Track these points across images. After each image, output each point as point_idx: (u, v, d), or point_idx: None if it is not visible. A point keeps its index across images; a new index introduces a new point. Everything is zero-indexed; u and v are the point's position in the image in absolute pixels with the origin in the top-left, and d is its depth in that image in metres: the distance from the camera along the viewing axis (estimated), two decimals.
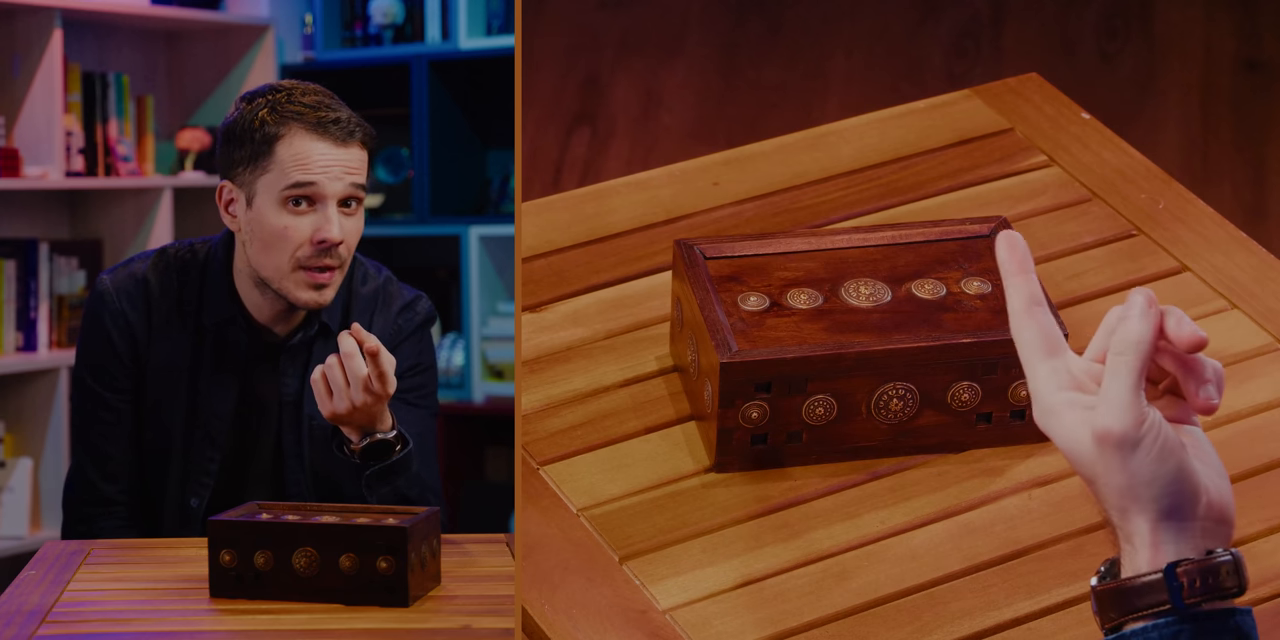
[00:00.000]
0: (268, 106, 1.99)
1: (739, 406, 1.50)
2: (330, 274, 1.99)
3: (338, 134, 1.98)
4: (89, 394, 2.09)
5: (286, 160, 1.97)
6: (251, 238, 2.01)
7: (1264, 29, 3.57)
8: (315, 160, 1.97)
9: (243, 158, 2.00)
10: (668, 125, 3.63)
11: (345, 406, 1.87)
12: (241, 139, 2.00)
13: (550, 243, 1.76)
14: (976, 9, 3.64)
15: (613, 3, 3.68)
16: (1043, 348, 1.06)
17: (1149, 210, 1.82)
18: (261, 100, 2.00)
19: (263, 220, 1.98)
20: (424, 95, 4.30)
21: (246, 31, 4.31)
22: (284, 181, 1.97)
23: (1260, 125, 3.52)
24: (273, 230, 1.98)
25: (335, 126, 1.98)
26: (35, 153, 3.82)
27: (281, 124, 1.98)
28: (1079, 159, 1.88)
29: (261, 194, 1.98)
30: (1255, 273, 1.76)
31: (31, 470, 3.82)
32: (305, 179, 1.96)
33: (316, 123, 1.98)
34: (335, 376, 1.87)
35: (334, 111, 1.99)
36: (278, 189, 1.97)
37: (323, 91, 2.03)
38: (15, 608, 1.64)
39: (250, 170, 1.99)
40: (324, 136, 1.97)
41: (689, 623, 1.41)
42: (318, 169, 1.96)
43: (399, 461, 1.93)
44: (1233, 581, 1.00)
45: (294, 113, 1.98)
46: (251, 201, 1.99)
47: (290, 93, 2.00)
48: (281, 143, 1.97)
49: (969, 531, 1.50)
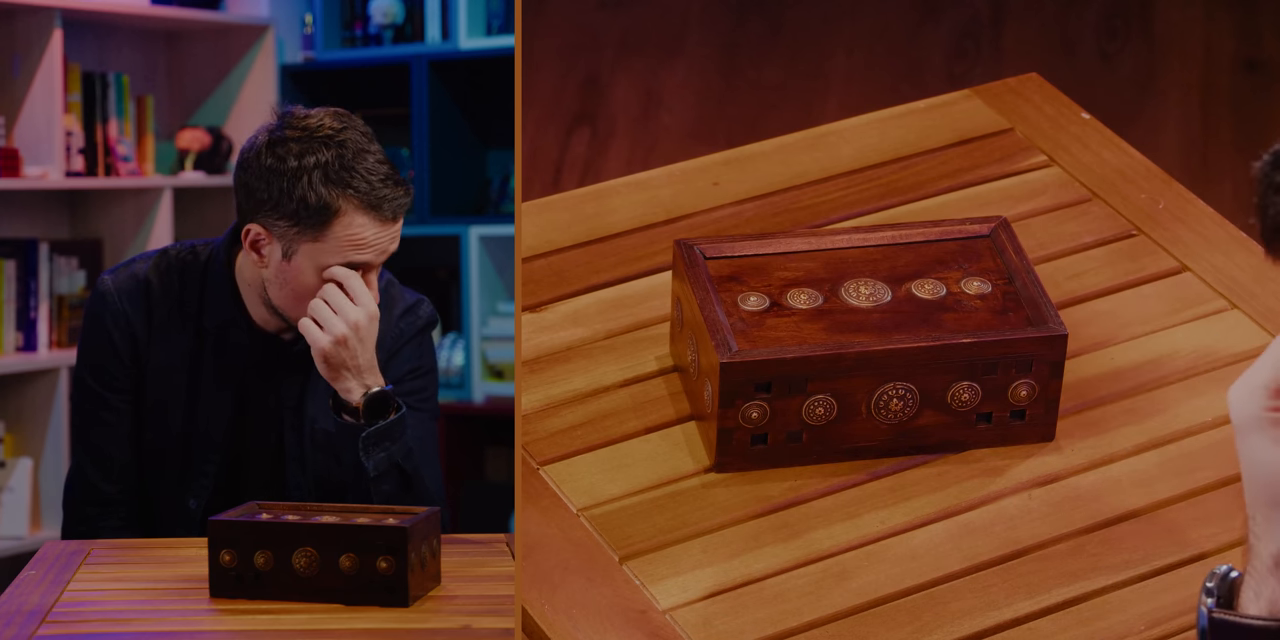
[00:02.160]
0: (321, 171, 1.92)
1: (739, 406, 1.50)
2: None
3: (392, 212, 1.96)
4: (89, 394, 2.09)
5: (341, 239, 1.94)
6: (280, 284, 1.99)
7: (1264, 29, 3.57)
8: (369, 242, 1.95)
9: (288, 214, 1.94)
10: (668, 125, 3.63)
11: (341, 329, 1.92)
12: (285, 195, 1.93)
13: (550, 243, 1.76)
14: (976, 9, 3.64)
15: (613, 3, 3.68)
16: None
17: (1149, 210, 1.82)
18: (311, 159, 1.93)
19: (299, 278, 1.97)
20: (424, 95, 4.30)
21: (246, 31, 4.31)
22: (336, 258, 1.95)
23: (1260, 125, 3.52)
24: (307, 288, 1.97)
25: (389, 204, 1.95)
26: (35, 153, 3.81)
27: (338, 198, 1.93)
28: (1079, 159, 1.88)
29: (304, 256, 1.96)
30: (1255, 273, 1.76)
31: (31, 470, 3.82)
32: (359, 260, 1.96)
33: (373, 198, 1.93)
34: (335, 295, 1.93)
35: (387, 186, 1.94)
36: (326, 261, 1.95)
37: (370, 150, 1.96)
38: (15, 608, 1.64)
39: (296, 230, 1.95)
40: (377, 218, 1.94)
41: (689, 623, 1.41)
42: (369, 250, 1.96)
43: (393, 423, 1.96)
44: None
45: (351, 184, 1.93)
46: (290, 257, 1.97)
47: (340, 151, 1.93)
48: (338, 222, 1.93)
49: (969, 531, 1.50)
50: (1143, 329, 1.71)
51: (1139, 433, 1.60)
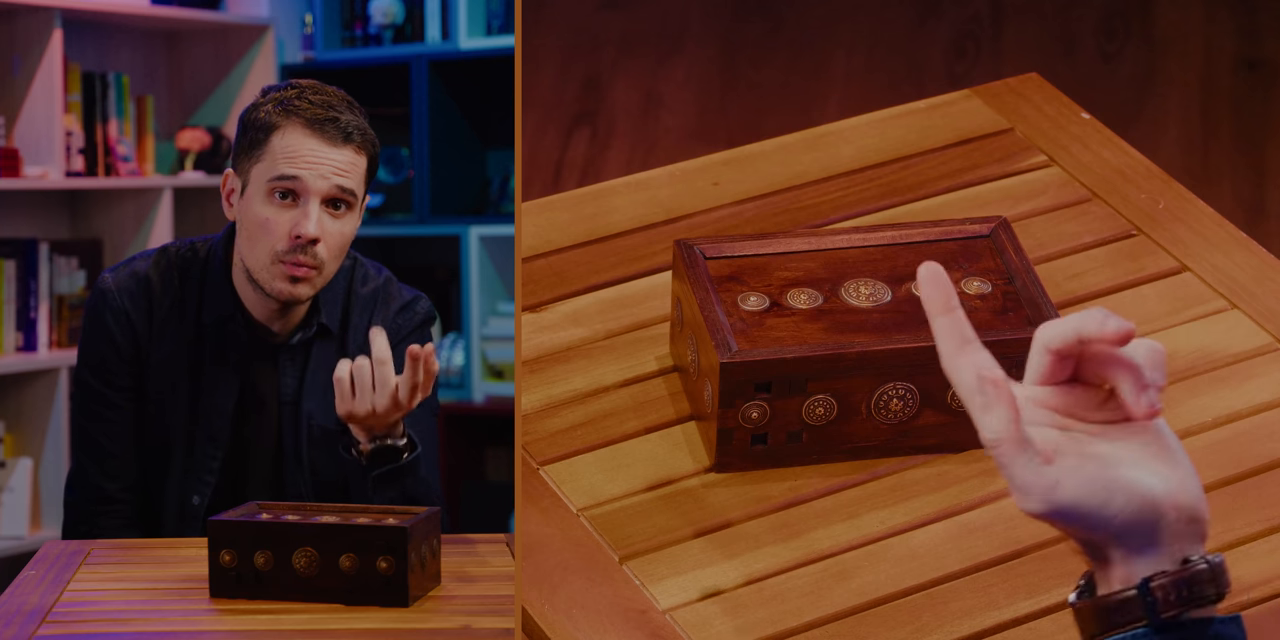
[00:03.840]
0: (275, 100, 2.01)
1: (739, 406, 1.50)
2: (304, 270, 1.99)
3: (332, 134, 1.98)
4: (91, 392, 2.10)
5: (277, 152, 1.98)
6: (240, 228, 2.04)
7: (1264, 29, 3.57)
8: (304, 156, 1.97)
9: (244, 146, 2.02)
10: (668, 125, 3.63)
11: (365, 409, 1.86)
12: (246, 128, 2.03)
13: (550, 243, 1.76)
14: (976, 9, 3.64)
15: (613, 3, 3.68)
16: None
17: (1149, 210, 1.82)
18: (275, 94, 2.03)
19: (249, 210, 2.00)
20: (424, 95, 4.30)
21: (246, 31, 4.31)
22: (271, 172, 1.98)
23: (1260, 125, 3.52)
24: (256, 221, 1.99)
25: (332, 126, 1.98)
26: (35, 153, 3.82)
27: (282, 117, 1.99)
28: (1079, 159, 1.88)
29: (253, 183, 2.00)
30: (1255, 273, 1.76)
31: (31, 470, 3.82)
32: (290, 172, 1.97)
33: (313, 119, 1.99)
34: (363, 378, 1.85)
35: (336, 113, 2.00)
36: (265, 179, 1.98)
37: (338, 94, 2.04)
38: (15, 608, 1.64)
39: (247, 159, 2.02)
40: (317, 134, 1.98)
41: (689, 623, 1.41)
42: (304, 164, 1.97)
43: (407, 465, 1.93)
44: (1211, 589, 0.98)
45: (297, 108, 1.99)
46: (244, 190, 2.01)
47: (303, 91, 2.02)
48: (276, 134, 1.99)
49: (969, 531, 1.50)
50: (1143, 329, 1.70)
51: None
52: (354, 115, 2.02)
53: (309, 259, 1.98)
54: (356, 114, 2.03)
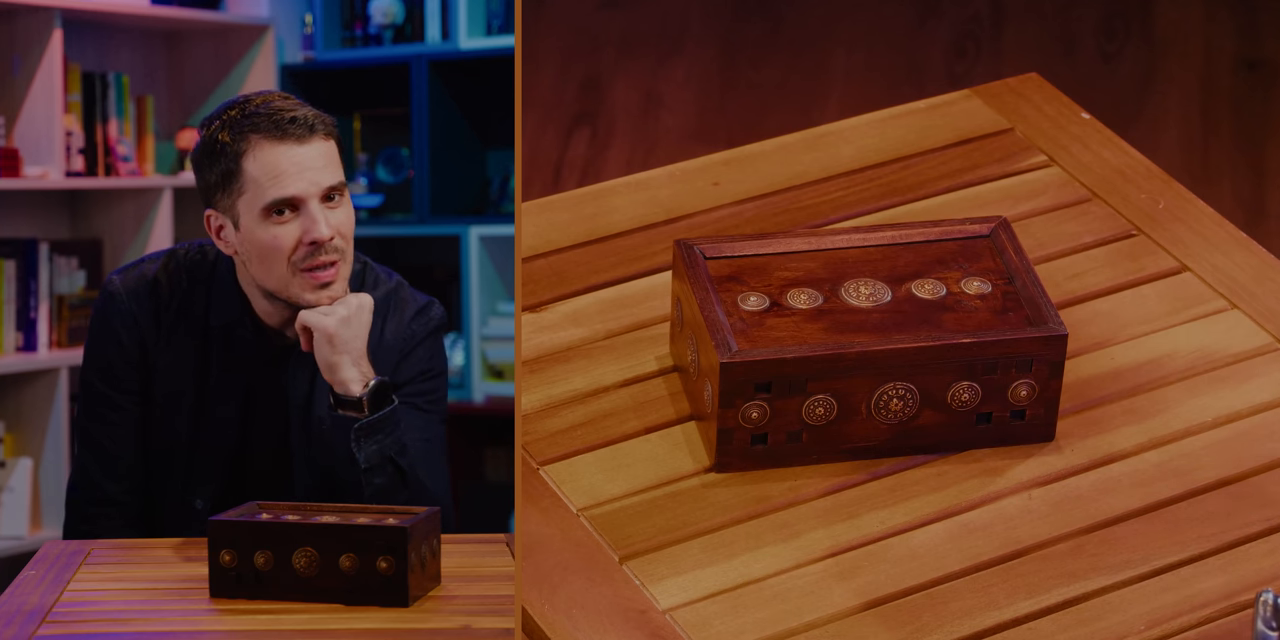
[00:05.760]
0: (223, 126, 1.98)
1: (739, 406, 1.50)
2: (331, 270, 1.98)
3: (297, 133, 1.96)
4: (96, 394, 2.09)
5: (258, 176, 1.95)
6: (248, 256, 2.00)
7: (1264, 29, 3.57)
8: (285, 169, 1.95)
9: (216, 181, 1.98)
10: (668, 125, 3.63)
11: (343, 311, 1.95)
12: (210, 163, 1.99)
13: (550, 243, 1.76)
14: (976, 9, 3.64)
15: (613, 3, 3.68)
16: None
17: (1149, 210, 1.82)
18: (218, 122, 1.99)
19: (251, 238, 1.97)
20: (424, 95, 4.30)
21: (246, 31, 4.31)
22: (262, 200, 1.95)
23: (1260, 125, 3.52)
24: (263, 243, 1.97)
25: (293, 125, 1.96)
26: (35, 153, 3.82)
27: (241, 139, 1.96)
28: (1079, 159, 1.88)
29: (244, 215, 1.97)
30: (1255, 273, 1.76)
31: (31, 470, 3.82)
32: (282, 196, 1.95)
33: (273, 127, 1.96)
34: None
35: (287, 111, 1.97)
36: (258, 207, 1.95)
37: (275, 93, 2.02)
38: (15, 608, 1.64)
39: (227, 194, 1.98)
40: (285, 138, 1.96)
41: (689, 623, 1.41)
42: (289, 180, 1.95)
43: (386, 415, 1.96)
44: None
45: (250, 124, 1.96)
46: (238, 224, 1.98)
47: (243, 106, 1.99)
48: (246, 158, 1.95)
49: (969, 531, 1.50)
50: (1143, 329, 1.71)
51: (1139, 433, 1.60)
52: (301, 104, 2.00)
53: (330, 256, 1.98)
54: (301, 102, 2.01)
